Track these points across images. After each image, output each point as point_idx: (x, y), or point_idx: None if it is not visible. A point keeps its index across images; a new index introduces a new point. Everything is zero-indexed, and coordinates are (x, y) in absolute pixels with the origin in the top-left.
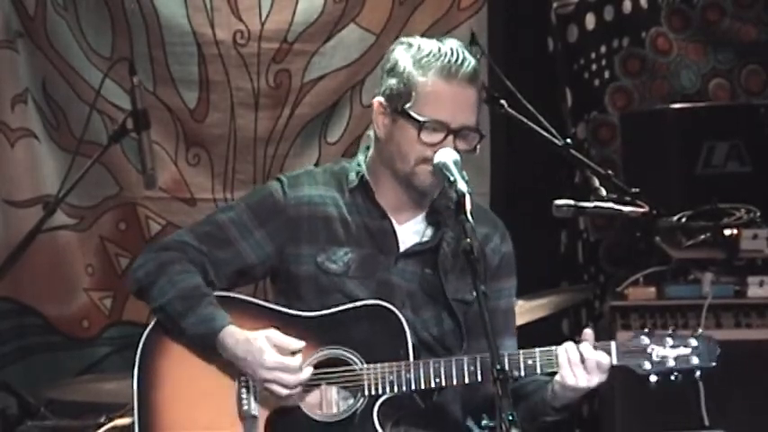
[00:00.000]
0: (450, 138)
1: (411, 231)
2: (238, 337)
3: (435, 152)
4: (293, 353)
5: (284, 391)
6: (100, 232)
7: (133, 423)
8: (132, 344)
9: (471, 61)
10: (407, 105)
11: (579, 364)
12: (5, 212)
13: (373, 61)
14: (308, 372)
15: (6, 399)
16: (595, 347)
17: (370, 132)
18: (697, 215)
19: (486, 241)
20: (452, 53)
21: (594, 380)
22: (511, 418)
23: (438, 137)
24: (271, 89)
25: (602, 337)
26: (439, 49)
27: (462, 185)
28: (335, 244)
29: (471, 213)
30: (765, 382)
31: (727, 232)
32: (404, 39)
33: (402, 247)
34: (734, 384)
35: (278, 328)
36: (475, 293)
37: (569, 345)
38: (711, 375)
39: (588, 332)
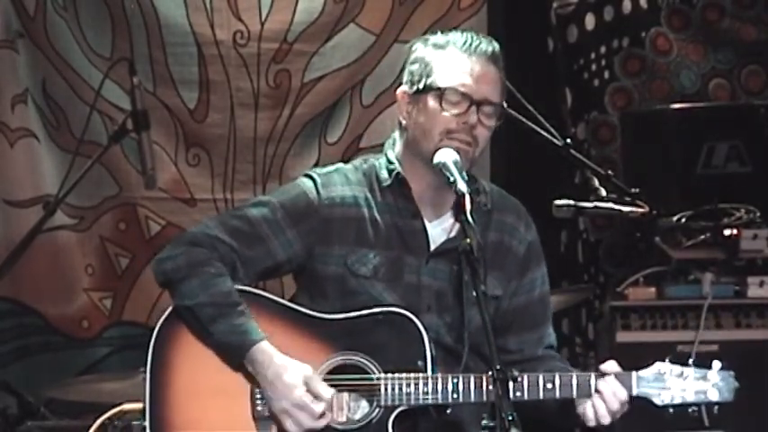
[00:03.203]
0: (474, 109)
1: (440, 229)
2: (274, 359)
3: (459, 124)
4: (320, 399)
5: (294, 429)
6: (100, 232)
7: (141, 413)
8: (132, 344)
9: (493, 44)
10: (429, 80)
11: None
12: (5, 212)
13: (373, 61)
14: (324, 421)
15: (6, 398)
16: (617, 378)
17: (395, 134)
18: (697, 215)
19: (512, 232)
20: (472, 36)
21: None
22: (511, 418)
23: (461, 107)
24: (271, 89)
25: (602, 337)
26: (457, 33)
27: (462, 186)
28: (365, 246)
29: (473, 203)
30: (765, 382)
31: (727, 232)
32: (421, 37)
33: (432, 246)
34: None
35: (297, 329)
36: (475, 294)
37: (606, 393)
38: None
39: (612, 365)
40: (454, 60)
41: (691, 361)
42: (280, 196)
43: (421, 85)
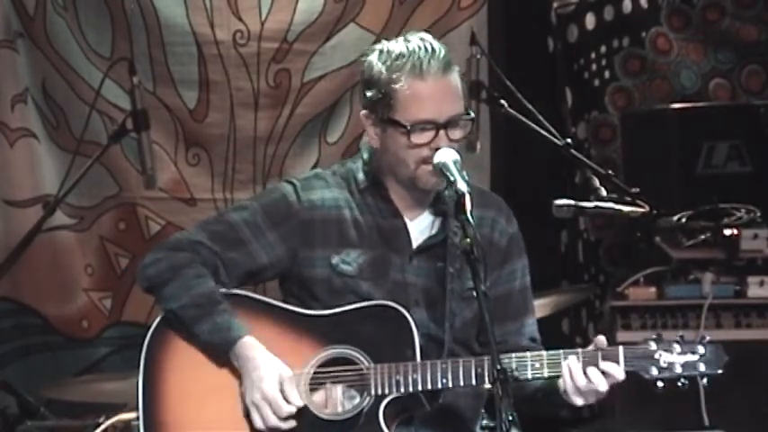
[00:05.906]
0: (442, 132)
1: (422, 227)
2: (257, 354)
3: (431, 149)
4: (289, 402)
5: (259, 423)
6: (100, 232)
7: (137, 419)
8: (132, 344)
9: (441, 51)
10: (391, 113)
11: (586, 387)
12: (5, 212)
13: None
14: (289, 425)
15: (6, 398)
16: (604, 353)
17: (366, 137)
18: (697, 215)
19: (493, 225)
20: (420, 49)
21: (603, 389)
22: (511, 418)
23: (429, 135)
24: (270, 89)
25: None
26: (407, 49)
27: (462, 185)
28: (348, 246)
29: (472, 203)
30: (765, 382)
31: (727, 232)
32: (375, 46)
33: (415, 244)
34: (734, 384)
35: (285, 327)
36: (475, 294)
37: (574, 366)
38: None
39: (601, 340)
40: (411, 91)
41: (679, 336)
42: (260, 200)
43: (384, 116)
